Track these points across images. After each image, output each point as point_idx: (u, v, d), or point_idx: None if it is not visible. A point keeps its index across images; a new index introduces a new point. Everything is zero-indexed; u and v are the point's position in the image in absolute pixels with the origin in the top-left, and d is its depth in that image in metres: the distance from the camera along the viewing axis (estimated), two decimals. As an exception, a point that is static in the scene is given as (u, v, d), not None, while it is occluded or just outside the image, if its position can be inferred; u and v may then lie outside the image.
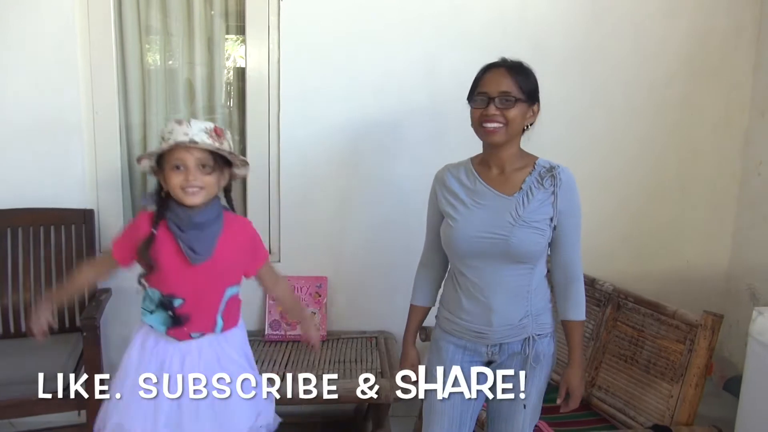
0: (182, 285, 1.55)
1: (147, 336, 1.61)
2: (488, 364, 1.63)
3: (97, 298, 2.34)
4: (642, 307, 2.14)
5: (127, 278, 2.47)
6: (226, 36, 2.58)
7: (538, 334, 1.59)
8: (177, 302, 1.57)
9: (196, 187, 1.49)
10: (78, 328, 2.34)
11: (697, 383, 1.91)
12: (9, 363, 2.15)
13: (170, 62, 2.56)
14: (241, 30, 2.50)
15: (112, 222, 2.52)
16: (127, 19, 2.45)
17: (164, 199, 1.56)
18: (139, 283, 1.61)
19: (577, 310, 1.61)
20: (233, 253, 1.59)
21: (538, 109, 1.58)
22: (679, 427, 1.89)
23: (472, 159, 1.65)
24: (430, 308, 1.74)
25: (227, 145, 1.54)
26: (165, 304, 1.57)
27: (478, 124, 1.54)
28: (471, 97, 1.57)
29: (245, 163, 1.60)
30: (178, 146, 1.47)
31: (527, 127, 1.57)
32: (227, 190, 1.65)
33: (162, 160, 1.52)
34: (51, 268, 2.40)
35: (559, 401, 1.65)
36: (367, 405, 2.51)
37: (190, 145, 1.47)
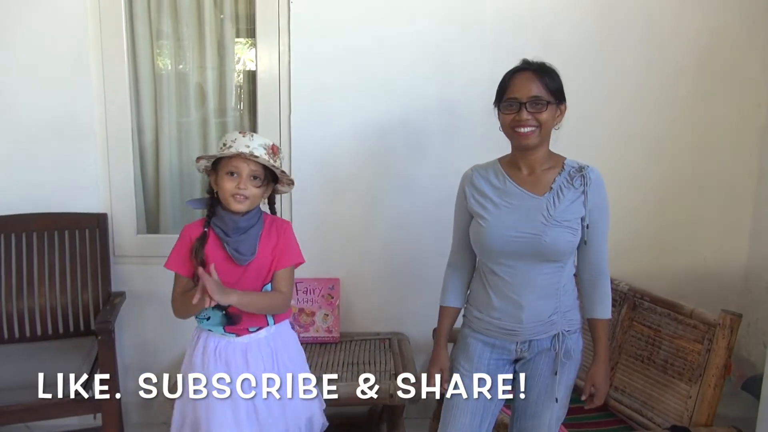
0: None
1: (207, 340, 1.69)
2: (516, 361, 1.64)
3: (111, 302, 2.35)
4: (658, 307, 2.12)
5: (141, 282, 2.51)
6: (236, 39, 2.58)
7: (567, 330, 1.61)
8: None
9: (243, 196, 1.62)
10: (92, 331, 2.35)
11: (716, 383, 1.88)
12: (24, 367, 2.15)
13: (181, 66, 2.58)
14: (251, 33, 2.51)
15: (125, 226, 2.53)
16: (139, 24, 2.47)
17: (214, 200, 1.68)
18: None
19: (604, 307, 1.64)
20: (270, 252, 1.70)
21: (565, 108, 1.60)
22: (698, 428, 1.87)
23: (500, 160, 1.67)
24: (461, 309, 1.75)
25: (279, 163, 1.68)
26: (219, 305, 1.63)
27: (511, 129, 1.56)
28: (499, 103, 1.59)
29: (291, 183, 1.74)
30: (239, 155, 1.59)
31: (556, 126, 1.59)
32: (271, 200, 1.78)
33: (218, 164, 1.65)
34: (65, 273, 2.41)
35: (584, 398, 1.66)
36: (382, 407, 2.50)
37: (249, 157, 1.59)
